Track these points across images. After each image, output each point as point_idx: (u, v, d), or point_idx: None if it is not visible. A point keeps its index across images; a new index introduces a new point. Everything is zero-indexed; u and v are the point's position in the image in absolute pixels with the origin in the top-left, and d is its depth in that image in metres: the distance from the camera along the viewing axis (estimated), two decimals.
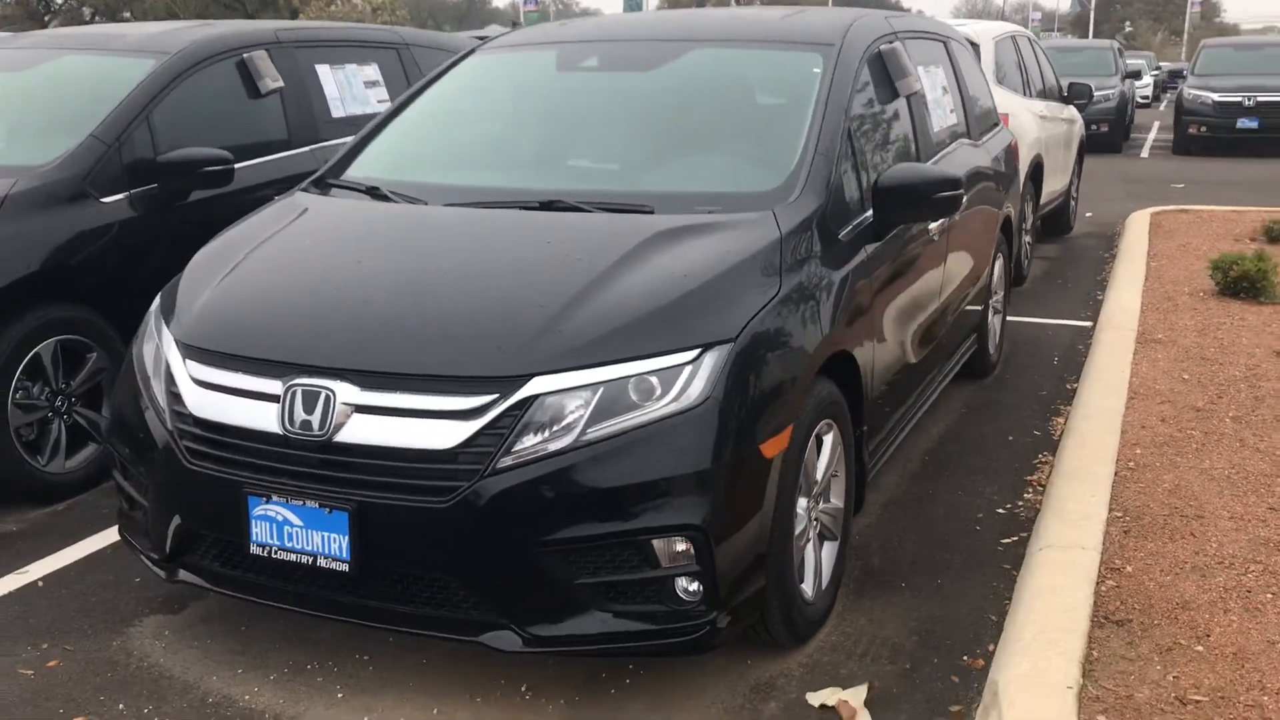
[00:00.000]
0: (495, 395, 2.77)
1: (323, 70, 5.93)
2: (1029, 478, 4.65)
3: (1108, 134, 18.52)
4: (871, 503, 4.27)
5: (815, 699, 3.08)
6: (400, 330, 2.95)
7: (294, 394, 2.89)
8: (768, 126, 3.87)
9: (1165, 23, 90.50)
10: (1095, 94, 13.57)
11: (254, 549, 2.94)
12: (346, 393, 2.85)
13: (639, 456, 2.76)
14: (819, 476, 3.33)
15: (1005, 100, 7.95)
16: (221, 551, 3.11)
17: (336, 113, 5.92)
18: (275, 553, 2.92)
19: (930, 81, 4.87)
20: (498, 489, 2.73)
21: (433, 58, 6.76)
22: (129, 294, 4.69)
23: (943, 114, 4.98)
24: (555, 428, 2.76)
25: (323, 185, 4.05)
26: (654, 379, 2.81)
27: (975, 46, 7.25)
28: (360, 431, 2.83)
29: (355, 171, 4.08)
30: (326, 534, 2.85)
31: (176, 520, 3.13)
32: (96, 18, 40.02)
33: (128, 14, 40.27)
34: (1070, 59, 19.12)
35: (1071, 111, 10.55)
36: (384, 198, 3.77)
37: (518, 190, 3.69)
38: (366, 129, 4.32)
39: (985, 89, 6.10)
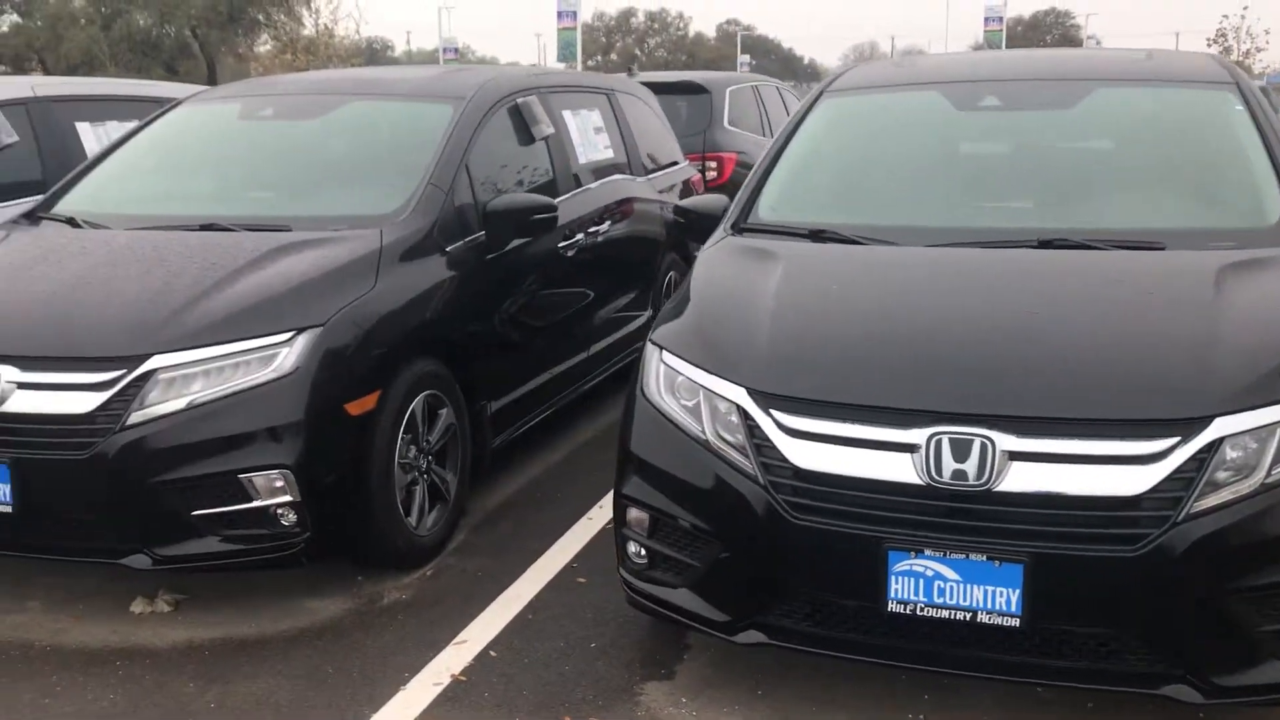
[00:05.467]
0: (1178, 438, 2.70)
1: (567, 115, 5.81)
2: None
3: None
4: None
5: None
6: (1052, 375, 2.87)
7: (938, 443, 2.78)
8: (1220, 160, 3.87)
9: None
10: None
11: (893, 606, 2.81)
12: (1004, 440, 2.75)
13: None
14: None
15: None
16: (816, 610, 2.97)
17: (582, 158, 5.80)
18: (920, 610, 2.79)
19: None
20: (1191, 536, 2.65)
21: (632, 104, 6.69)
22: (468, 346, 4.53)
23: None
24: (1240, 469, 2.70)
25: (739, 230, 3.96)
26: None
27: None
28: (1023, 480, 2.74)
29: (769, 215, 4.00)
30: (991, 588, 2.74)
31: (749, 578, 2.99)
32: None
33: (37, 58, 38.72)
34: None
35: None
36: (841, 240, 3.69)
37: (998, 230, 3.63)
38: (756, 173, 4.21)
39: None
